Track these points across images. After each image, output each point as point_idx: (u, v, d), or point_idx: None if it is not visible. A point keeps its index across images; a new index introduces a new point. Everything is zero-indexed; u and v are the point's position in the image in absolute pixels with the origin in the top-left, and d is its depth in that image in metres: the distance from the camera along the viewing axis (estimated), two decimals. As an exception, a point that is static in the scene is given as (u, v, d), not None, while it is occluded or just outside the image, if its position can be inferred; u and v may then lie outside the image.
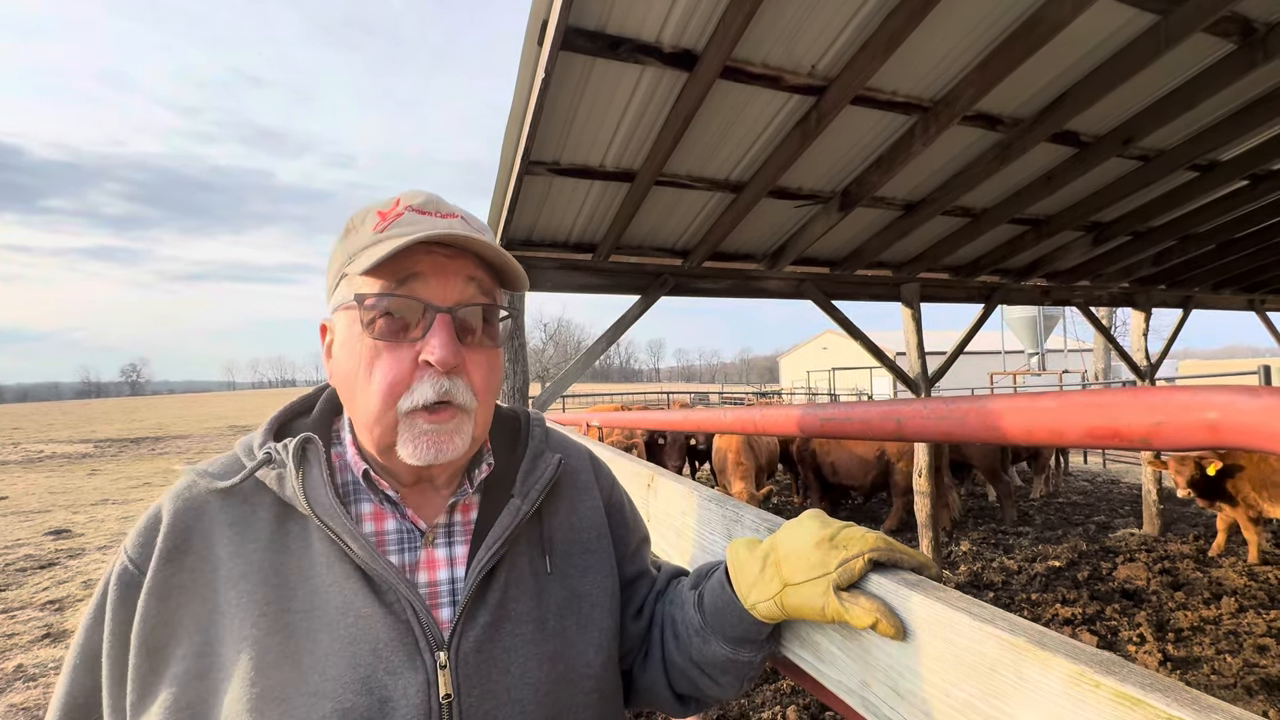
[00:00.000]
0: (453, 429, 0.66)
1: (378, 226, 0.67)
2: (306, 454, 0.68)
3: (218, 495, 0.67)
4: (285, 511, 0.67)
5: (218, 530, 0.65)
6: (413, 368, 0.65)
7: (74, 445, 23.26)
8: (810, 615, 0.62)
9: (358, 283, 0.66)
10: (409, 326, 0.66)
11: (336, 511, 0.64)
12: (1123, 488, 10.13)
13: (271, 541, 0.65)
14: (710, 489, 1.04)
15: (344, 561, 0.64)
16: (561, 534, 0.77)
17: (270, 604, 0.61)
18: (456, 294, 0.67)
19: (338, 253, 0.70)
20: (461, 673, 0.63)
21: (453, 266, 0.67)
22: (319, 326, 0.75)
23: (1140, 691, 0.39)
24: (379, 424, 0.65)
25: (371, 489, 0.70)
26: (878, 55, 2.65)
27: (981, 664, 0.49)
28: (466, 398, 0.67)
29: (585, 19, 2.38)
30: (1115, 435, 0.45)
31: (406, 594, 0.63)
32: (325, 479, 0.66)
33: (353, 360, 0.66)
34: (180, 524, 0.65)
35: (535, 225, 3.89)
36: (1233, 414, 0.37)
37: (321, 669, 0.59)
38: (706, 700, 0.81)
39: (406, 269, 0.65)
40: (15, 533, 8.92)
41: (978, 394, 0.68)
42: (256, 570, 0.63)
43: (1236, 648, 4.19)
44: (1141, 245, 5.85)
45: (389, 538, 0.69)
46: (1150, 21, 2.81)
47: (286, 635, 0.60)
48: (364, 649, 0.61)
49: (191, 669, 0.59)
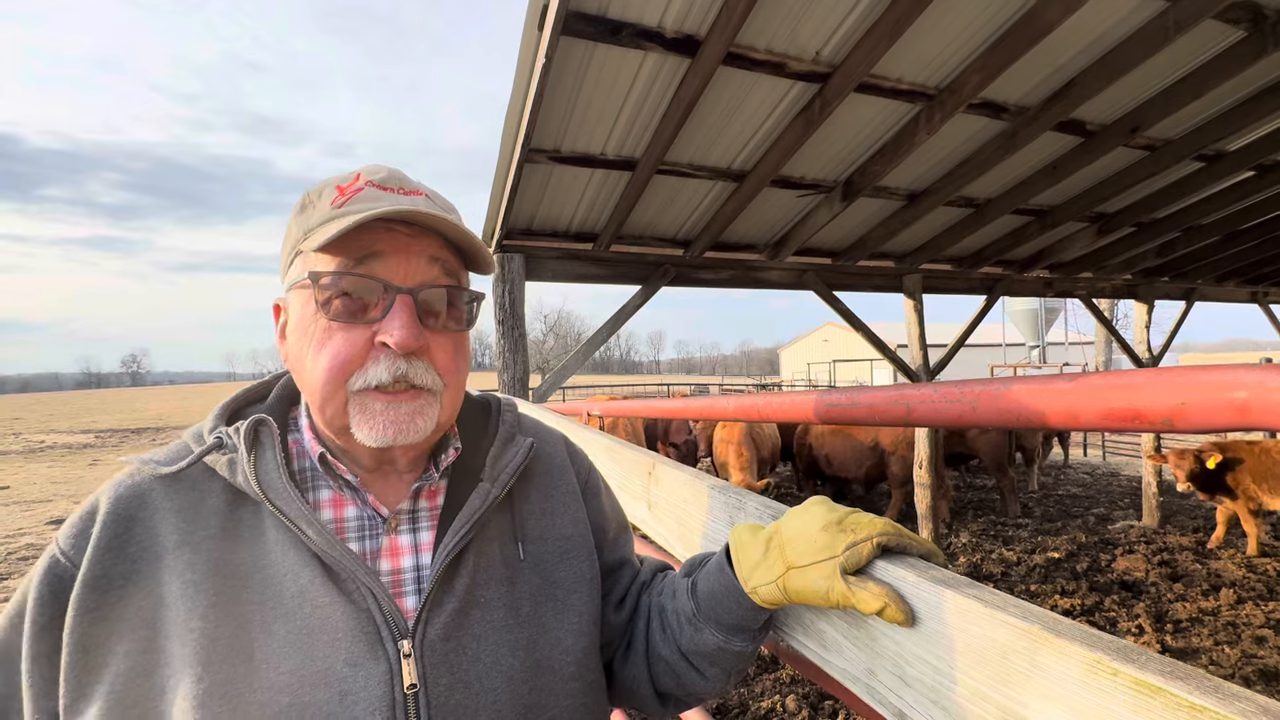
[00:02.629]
0: (414, 410, 0.63)
1: (335, 201, 0.63)
2: (259, 437, 0.65)
3: (162, 482, 0.63)
4: (236, 498, 0.63)
5: (162, 518, 0.61)
6: (367, 348, 0.62)
7: (75, 435, 23.31)
8: (814, 599, 0.61)
9: (313, 260, 0.63)
10: (367, 307, 0.62)
11: (290, 495, 0.61)
12: (1122, 480, 10.14)
13: (222, 530, 0.61)
14: (713, 477, 1.03)
15: (299, 549, 0.60)
16: (535, 520, 0.74)
17: (221, 595, 0.58)
18: (419, 275, 0.64)
19: (293, 228, 0.66)
20: (428, 661, 0.60)
21: (415, 246, 0.64)
22: (272, 306, 0.70)
23: (1161, 680, 0.38)
24: (329, 403, 0.62)
25: (330, 474, 0.67)
26: (882, 42, 2.61)
27: (993, 651, 0.48)
28: (429, 379, 0.64)
29: (586, 3, 2.34)
30: (1136, 417, 0.44)
31: (366, 581, 0.60)
32: (279, 462, 0.63)
33: (305, 340, 0.63)
34: (120, 512, 0.60)
35: (535, 214, 3.86)
36: (1264, 394, 0.36)
37: (276, 662, 0.56)
38: (688, 698, 0.79)
39: (366, 247, 0.62)
40: (17, 522, 8.95)
41: (987, 379, 0.66)
42: (205, 560, 0.59)
43: (1235, 639, 4.20)
44: (1146, 237, 5.81)
45: (349, 525, 0.66)
46: (1159, 7, 2.77)
47: (239, 627, 0.57)
48: (322, 640, 0.58)
49: (135, 666, 0.55)
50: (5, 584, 6.13)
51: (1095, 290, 7.05)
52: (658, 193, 3.81)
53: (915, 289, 5.78)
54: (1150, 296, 7.50)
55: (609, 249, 4.22)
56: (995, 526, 7.22)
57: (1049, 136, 3.75)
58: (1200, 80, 3.28)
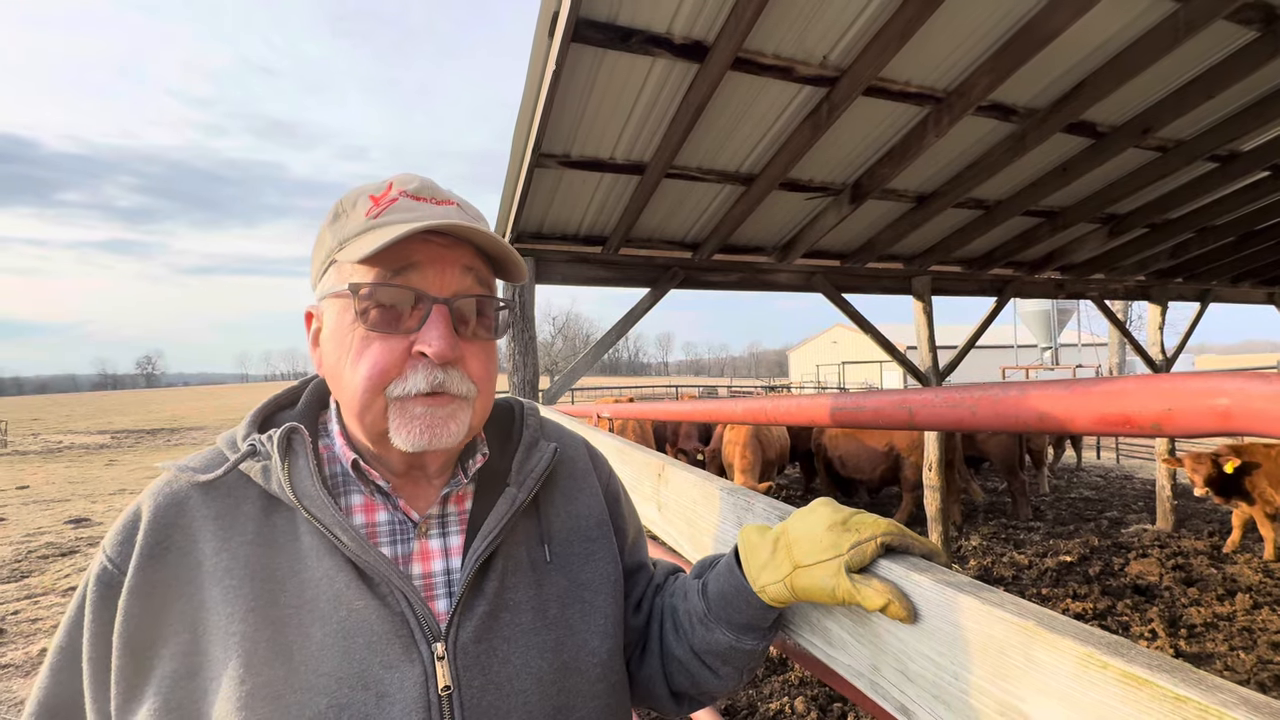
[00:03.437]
0: (448, 414, 0.64)
1: (370, 212, 0.64)
2: (292, 444, 0.66)
3: (200, 490, 0.64)
4: (271, 505, 0.65)
5: (201, 525, 0.62)
6: (404, 358, 0.63)
7: (92, 436, 23.65)
8: (820, 597, 0.62)
9: (349, 271, 0.64)
10: (403, 317, 0.64)
11: (324, 502, 0.62)
12: (1136, 483, 10.02)
13: (257, 536, 0.63)
14: (721, 479, 1.05)
15: (334, 554, 0.62)
16: (560, 523, 0.76)
17: (259, 599, 0.59)
18: (454, 284, 0.65)
19: (326, 237, 0.67)
20: (461, 663, 0.62)
21: (450, 256, 0.65)
22: (304, 314, 0.72)
23: (1147, 672, 0.40)
24: (369, 411, 0.64)
25: (361, 479, 0.68)
26: (891, 45, 2.62)
27: (991, 646, 0.50)
28: (464, 387, 0.66)
29: (596, 11, 2.38)
30: (1126, 422, 0.46)
31: (400, 585, 0.62)
32: (312, 469, 0.64)
33: (342, 349, 0.65)
34: (161, 520, 0.62)
35: (545, 218, 3.90)
36: (1245, 400, 0.38)
37: (314, 664, 0.58)
38: (702, 697, 0.80)
39: (403, 258, 0.63)
40: (37, 521, 9.11)
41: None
42: (243, 565, 0.61)
43: (1250, 644, 4.16)
44: (1159, 238, 5.76)
45: (380, 529, 0.68)
46: (1170, 8, 2.76)
47: (277, 630, 0.58)
48: (358, 642, 0.59)
49: (180, 668, 0.57)
50: (26, 581, 6.25)
51: (1108, 292, 6.99)
52: (666, 196, 3.83)
53: (924, 291, 5.76)
54: (1164, 298, 7.43)
55: (618, 252, 4.25)
56: (1007, 529, 7.17)
57: (1059, 138, 3.74)
58: (1212, 81, 3.26)
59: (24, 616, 5.32)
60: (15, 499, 11.06)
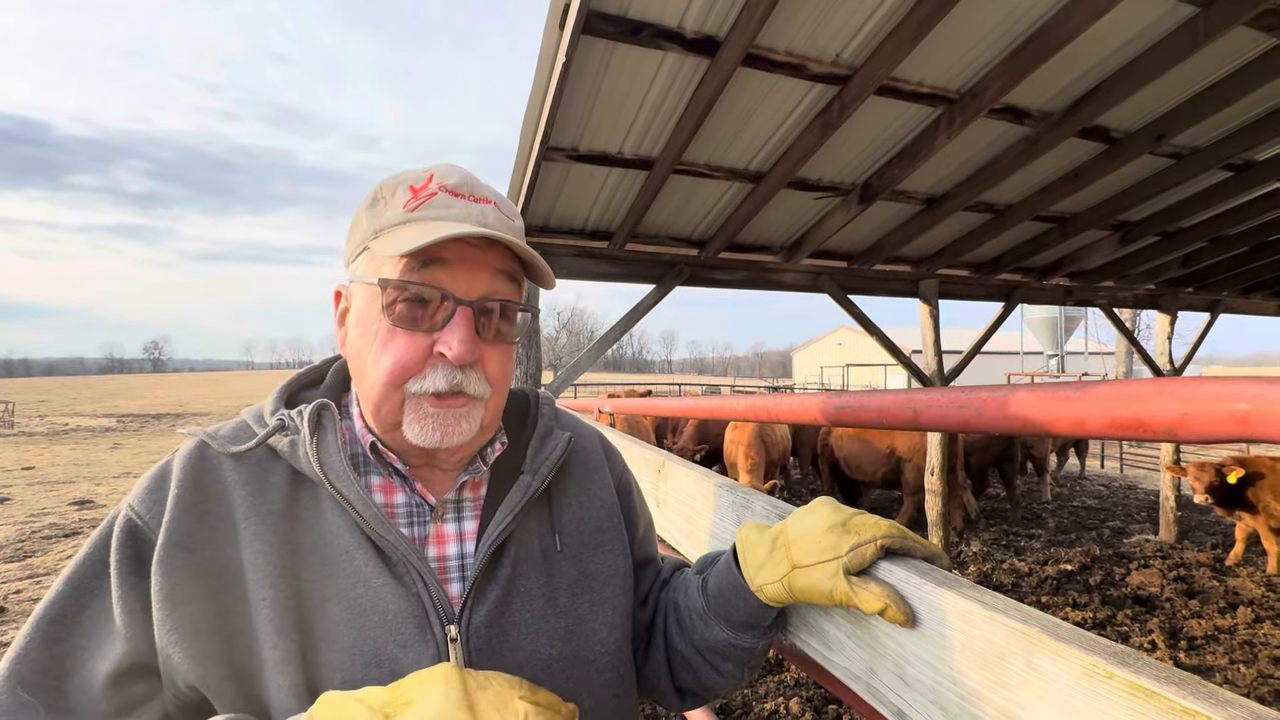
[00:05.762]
0: (461, 414, 0.65)
1: (409, 204, 0.65)
2: (322, 421, 0.67)
3: (231, 457, 0.66)
4: (297, 479, 0.66)
5: (233, 489, 0.64)
6: (425, 355, 0.64)
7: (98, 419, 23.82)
8: (818, 598, 0.62)
9: (381, 263, 0.65)
10: (428, 314, 0.64)
11: (350, 479, 0.63)
12: (1140, 493, 9.96)
13: (285, 507, 0.64)
14: (721, 476, 1.04)
15: (354, 531, 0.63)
16: (572, 513, 0.76)
17: (286, 569, 0.61)
18: (481, 287, 0.66)
19: (363, 220, 0.68)
20: (473, 646, 0.62)
21: (481, 259, 0.66)
22: (333, 292, 0.73)
23: (1155, 684, 0.38)
24: (386, 402, 0.65)
25: (380, 462, 0.69)
26: (904, 44, 2.60)
27: (991, 653, 0.49)
28: (480, 388, 0.66)
29: (608, 3, 2.36)
30: (1139, 426, 0.44)
31: (417, 565, 0.63)
32: (339, 446, 0.65)
33: (366, 338, 0.65)
34: (197, 480, 0.63)
35: (552, 212, 3.88)
36: (1265, 405, 0.36)
37: (332, 639, 0.59)
38: (706, 692, 0.80)
39: (432, 253, 0.63)
40: (41, 502, 9.18)
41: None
42: (272, 533, 0.62)
43: (1251, 658, 4.12)
44: (1170, 246, 5.70)
45: (398, 510, 0.69)
46: (1189, 14, 2.72)
47: (299, 602, 0.60)
48: (373, 620, 0.60)
49: (228, 627, 0.59)
50: (29, 561, 6.29)
51: (1117, 300, 6.93)
52: (674, 192, 3.81)
53: (931, 294, 5.72)
54: (1174, 307, 7.36)
55: (624, 248, 4.24)
56: (1007, 536, 7.14)
57: (1072, 143, 3.70)
58: (1229, 88, 3.21)
59: (26, 596, 5.36)
60: (20, 480, 11.16)
